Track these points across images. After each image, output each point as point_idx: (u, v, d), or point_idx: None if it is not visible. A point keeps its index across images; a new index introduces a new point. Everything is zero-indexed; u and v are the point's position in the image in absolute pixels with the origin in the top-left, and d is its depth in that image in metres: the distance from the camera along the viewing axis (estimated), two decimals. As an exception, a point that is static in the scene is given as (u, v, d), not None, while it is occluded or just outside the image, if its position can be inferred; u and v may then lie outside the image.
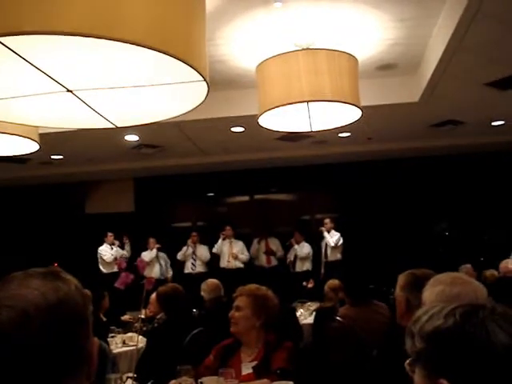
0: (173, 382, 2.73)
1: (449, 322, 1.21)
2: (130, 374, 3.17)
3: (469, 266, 6.89)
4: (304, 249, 11.09)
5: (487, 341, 1.15)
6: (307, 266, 11.03)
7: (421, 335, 1.24)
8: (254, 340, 3.07)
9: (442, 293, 1.80)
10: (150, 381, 2.90)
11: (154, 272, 10.77)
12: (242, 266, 11.01)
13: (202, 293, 6.09)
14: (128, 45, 2.59)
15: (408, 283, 2.42)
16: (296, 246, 11.07)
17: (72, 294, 1.01)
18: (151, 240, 11.13)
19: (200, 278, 8.22)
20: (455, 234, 11.79)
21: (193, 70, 2.89)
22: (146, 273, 10.57)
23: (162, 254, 11.21)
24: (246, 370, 2.97)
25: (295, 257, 11.07)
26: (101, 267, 10.89)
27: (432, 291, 1.83)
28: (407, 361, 1.31)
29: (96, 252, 11.00)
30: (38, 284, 1.00)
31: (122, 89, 3.39)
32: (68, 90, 3.27)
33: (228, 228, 11.20)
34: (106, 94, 3.43)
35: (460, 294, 1.77)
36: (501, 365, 1.14)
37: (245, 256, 11.16)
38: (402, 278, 2.52)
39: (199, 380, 2.72)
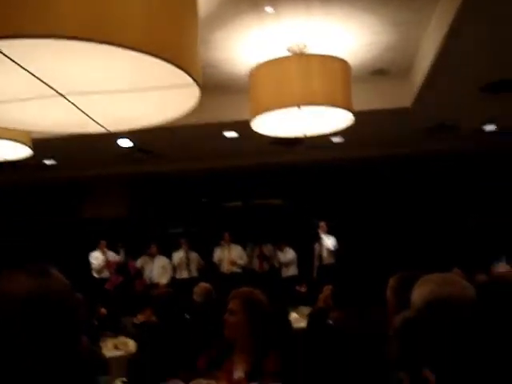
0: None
1: (415, 313, 1.25)
2: (122, 379, 3.16)
3: (458, 270, 6.91)
4: (287, 254, 11.13)
5: (452, 321, 1.18)
6: (293, 271, 11.07)
7: (396, 335, 1.27)
8: (247, 344, 3.05)
9: (430, 293, 1.79)
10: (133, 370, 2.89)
11: (145, 276, 10.77)
12: (239, 270, 11.00)
13: (194, 296, 6.08)
14: (122, 49, 2.60)
15: (398, 285, 2.43)
16: (279, 253, 11.09)
17: (59, 292, 1.00)
18: (152, 246, 11.13)
19: (194, 283, 8.19)
20: (448, 238, 11.81)
21: (185, 73, 2.90)
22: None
23: (158, 259, 11.16)
24: (238, 374, 2.96)
25: (280, 263, 11.11)
26: (93, 272, 10.86)
27: (421, 291, 1.83)
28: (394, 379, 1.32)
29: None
30: (25, 280, 0.99)
31: (115, 93, 3.40)
32: (60, 94, 3.27)
33: (226, 234, 11.19)
34: (98, 98, 3.43)
35: (449, 293, 1.77)
36: (467, 338, 1.17)
37: (243, 261, 11.16)
38: (392, 281, 2.53)
39: (190, 384, 2.71)
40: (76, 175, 11.37)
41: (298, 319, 6.86)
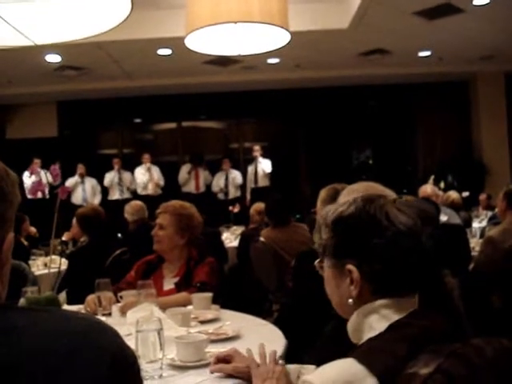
0: (91, 296, 2.71)
1: (351, 207, 1.25)
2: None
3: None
4: (238, 176, 11.20)
5: (388, 222, 1.20)
6: (238, 192, 11.18)
7: (326, 225, 1.28)
8: (177, 257, 3.07)
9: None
10: (65, 290, 2.86)
11: (77, 198, 10.59)
12: (160, 192, 10.99)
13: (126, 214, 6.03)
14: None
15: (328, 196, 2.45)
16: (230, 173, 11.12)
17: None
18: (79, 166, 10.87)
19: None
20: (379, 163, 12.10)
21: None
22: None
23: (88, 180, 10.97)
24: (168, 285, 2.99)
25: (226, 184, 11.12)
26: (27, 193, 10.53)
27: (346, 199, 1.86)
28: (316, 261, 1.34)
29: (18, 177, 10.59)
30: None
31: (42, 2, 3.20)
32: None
33: (146, 156, 11.09)
34: (24, 8, 3.22)
35: None
36: (404, 243, 1.20)
37: (162, 182, 11.17)
38: (323, 192, 2.56)
39: (119, 294, 2.71)
40: (0, 94, 10.82)
41: (230, 239, 6.97)
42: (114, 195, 11.01)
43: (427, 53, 9.72)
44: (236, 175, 11.23)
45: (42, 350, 0.83)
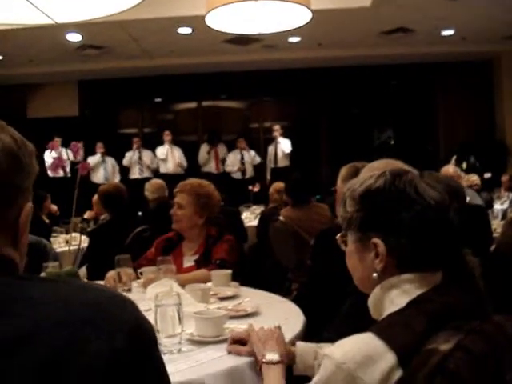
0: (111, 272, 2.73)
1: (379, 181, 1.23)
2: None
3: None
4: (256, 156, 11.17)
5: (417, 195, 1.19)
6: (253, 172, 11.15)
7: (353, 198, 1.26)
8: (196, 235, 3.07)
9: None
10: (85, 264, 2.90)
11: (98, 177, 10.66)
12: (183, 172, 10.99)
13: (146, 193, 6.07)
14: None
15: (349, 174, 2.41)
16: (249, 153, 11.10)
17: None
18: (98, 145, 10.92)
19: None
20: (400, 142, 11.98)
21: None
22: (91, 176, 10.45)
23: (109, 159, 11.04)
24: (188, 263, 3.00)
25: (243, 163, 11.09)
26: (48, 171, 10.62)
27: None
28: (338, 234, 1.33)
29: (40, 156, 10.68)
30: None
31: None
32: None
33: (167, 133, 11.10)
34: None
35: None
36: (432, 217, 1.18)
37: (185, 163, 11.19)
38: (343, 170, 2.53)
39: (139, 270, 2.73)
40: (22, 72, 10.88)
41: (249, 218, 6.98)
42: (134, 174, 11.06)
43: (450, 32, 9.56)
44: (255, 154, 11.20)
45: (56, 320, 0.82)
